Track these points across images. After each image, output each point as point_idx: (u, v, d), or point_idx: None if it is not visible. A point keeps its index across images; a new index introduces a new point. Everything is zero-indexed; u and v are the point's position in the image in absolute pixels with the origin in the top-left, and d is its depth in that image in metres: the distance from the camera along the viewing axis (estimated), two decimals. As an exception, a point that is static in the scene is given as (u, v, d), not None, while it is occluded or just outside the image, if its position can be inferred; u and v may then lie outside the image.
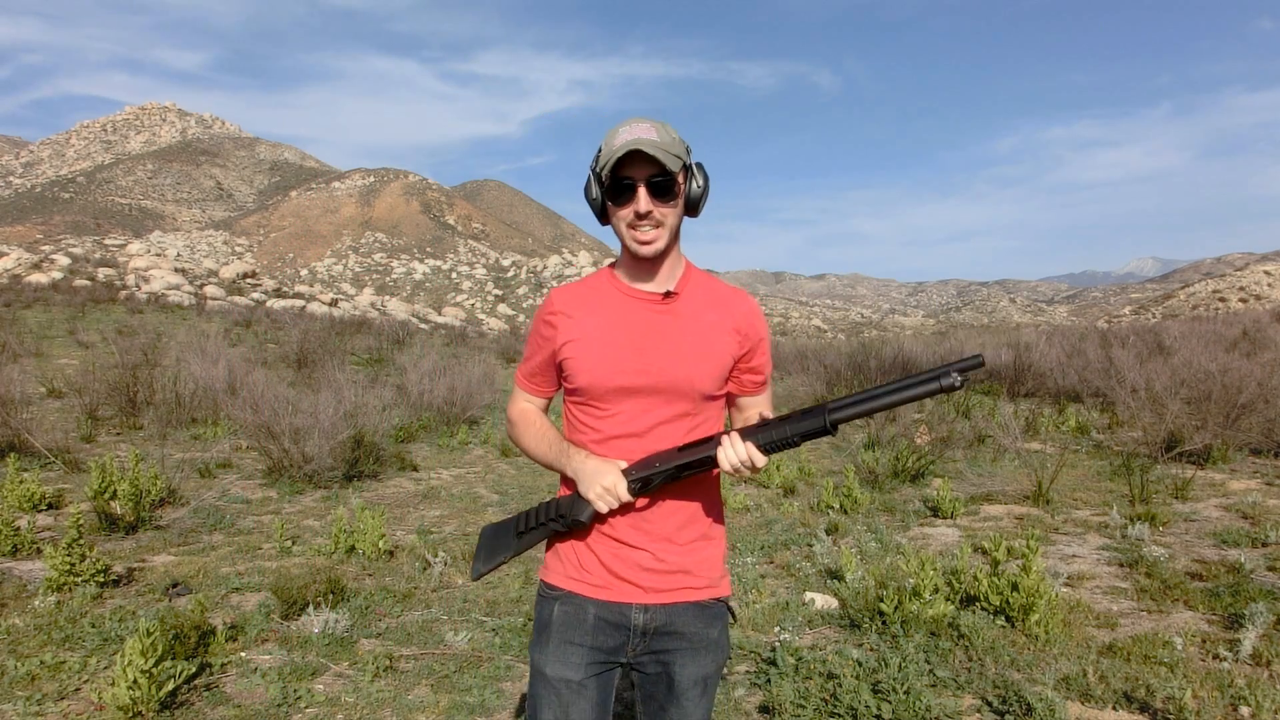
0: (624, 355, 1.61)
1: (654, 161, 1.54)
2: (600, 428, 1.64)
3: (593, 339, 1.63)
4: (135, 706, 2.97)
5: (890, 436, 9.01)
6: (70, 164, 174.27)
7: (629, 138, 1.55)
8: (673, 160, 1.56)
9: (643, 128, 1.57)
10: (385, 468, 7.96)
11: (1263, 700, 2.99)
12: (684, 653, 1.65)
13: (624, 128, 1.58)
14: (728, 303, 1.70)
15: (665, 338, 1.63)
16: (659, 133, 1.57)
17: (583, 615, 1.64)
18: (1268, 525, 5.39)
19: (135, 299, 28.48)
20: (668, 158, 1.55)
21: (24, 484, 6.03)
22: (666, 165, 1.54)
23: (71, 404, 10.45)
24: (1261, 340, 14.76)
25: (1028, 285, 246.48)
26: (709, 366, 1.64)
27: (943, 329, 61.55)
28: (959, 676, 3.36)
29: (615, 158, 1.54)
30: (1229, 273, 63.04)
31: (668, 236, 1.61)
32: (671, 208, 1.60)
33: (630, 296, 1.66)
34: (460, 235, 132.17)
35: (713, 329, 1.66)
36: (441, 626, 4.02)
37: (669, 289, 1.66)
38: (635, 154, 1.54)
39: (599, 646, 1.63)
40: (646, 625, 1.64)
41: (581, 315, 1.66)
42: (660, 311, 1.65)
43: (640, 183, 1.56)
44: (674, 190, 1.59)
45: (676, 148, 1.58)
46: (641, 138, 1.54)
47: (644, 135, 1.55)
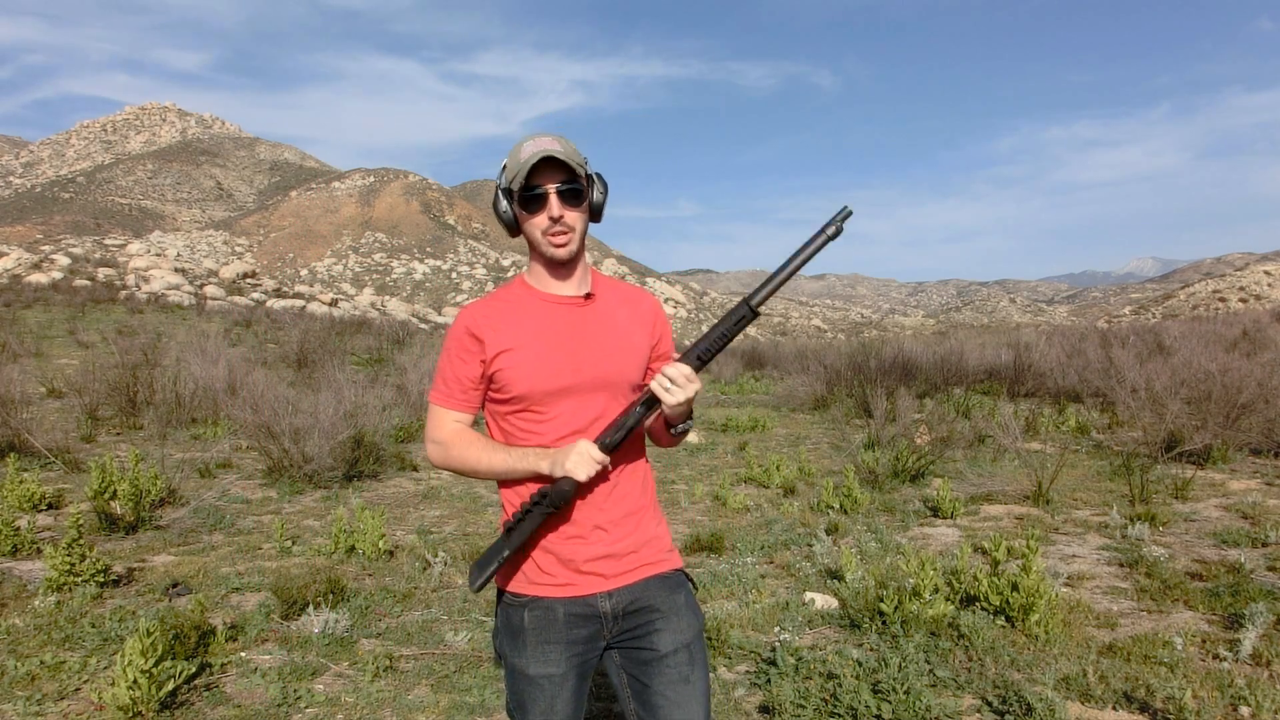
0: (557, 358, 1.70)
1: (562, 168, 1.66)
2: (542, 431, 1.71)
3: (525, 347, 1.70)
4: (135, 706, 2.97)
5: (890, 436, 9.01)
6: (70, 164, 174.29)
7: (536, 149, 1.65)
8: (578, 168, 1.67)
9: (547, 140, 1.68)
10: (385, 468, 7.96)
11: (1263, 700, 2.99)
12: (659, 622, 1.73)
13: (529, 142, 1.69)
14: (634, 300, 1.85)
15: (591, 336, 1.74)
16: (562, 144, 1.68)
17: (553, 616, 1.72)
18: (1268, 525, 5.39)
19: (135, 299, 28.48)
20: (575, 165, 1.66)
21: (24, 484, 6.03)
22: (575, 171, 1.67)
23: (71, 404, 10.45)
24: (1261, 340, 14.76)
25: (1028, 285, 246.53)
26: (632, 357, 1.77)
27: (943, 329, 61.53)
28: (959, 676, 3.36)
29: (526, 167, 1.64)
30: (1229, 273, 63.04)
31: (578, 240, 1.71)
32: (580, 212, 1.70)
33: (551, 302, 1.75)
34: (460, 235, 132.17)
35: (628, 324, 1.79)
36: (441, 626, 4.02)
37: (587, 290, 1.77)
38: (544, 162, 1.64)
39: (575, 640, 1.72)
40: (615, 609, 1.72)
41: (507, 326, 1.72)
42: (583, 313, 1.75)
43: (551, 190, 1.66)
44: (581, 196, 1.70)
45: (578, 158, 1.70)
46: (549, 148, 1.65)
47: (550, 146, 1.65)
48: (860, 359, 14.48)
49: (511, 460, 1.69)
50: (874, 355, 14.80)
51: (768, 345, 27.56)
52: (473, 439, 1.76)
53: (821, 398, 13.11)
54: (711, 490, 7.20)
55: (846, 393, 12.94)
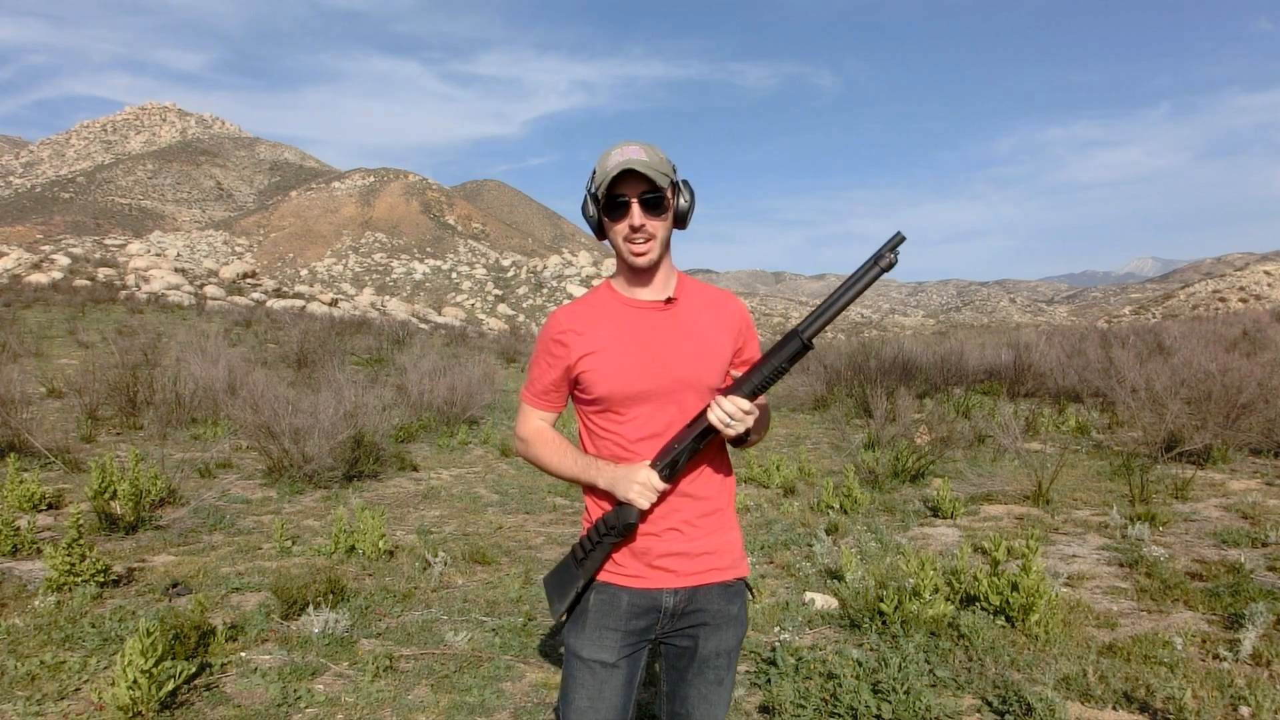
0: (639, 361, 1.75)
1: (645, 179, 1.68)
2: (623, 432, 1.77)
3: (608, 350, 1.75)
4: (135, 706, 2.97)
5: (890, 436, 9.01)
6: (70, 164, 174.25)
7: (621, 159, 1.68)
8: (661, 178, 1.70)
9: (633, 149, 1.70)
10: (385, 468, 7.96)
11: (1263, 700, 2.99)
12: (708, 628, 1.80)
13: (616, 150, 1.72)
14: (719, 304, 1.87)
15: (672, 341, 1.78)
16: (648, 154, 1.70)
17: (616, 603, 1.77)
18: (1268, 525, 5.39)
19: (135, 299, 28.48)
20: (657, 175, 1.68)
21: (24, 484, 6.03)
22: (656, 182, 1.69)
23: (71, 404, 10.45)
24: (1261, 340, 14.76)
25: (1028, 285, 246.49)
26: (713, 362, 1.80)
27: (943, 329, 61.55)
28: (959, 676, 3.36)
29: (610, 177, 1.67)
30: (1229, 273, 63.03)
31: (659, 248, 1.74)
32: (662, 221, 1.73)
33: (634, 306, 1.79)
34: (460, 235, 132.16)
35: (711, 328, 1.82)
36: (441, 626, 4.02)
37: (669, 295, 1.81)
38: (628, 173, 1.68)
39: (631, 630, 1.77)
40: (676, 606, 1.78)
41: (592, 330, 1.77)
42: (664, 317, 1.79)
43: (633, 199, 1.70)
44: (663, 205, 1.73)
45: (664, 167, 1.72)
46: (633, 158, 1.67)
47: (635, 156, 1.68)
48: (860, 359, 14.47)
49: (578, 469, 1.77)
50: (874, 355, 14.79)
51: (768, 345, 27.58)
52: (550, 439, 1.85)
53: (821, 398, 13.10)
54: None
55: (846, 393, 12.94)
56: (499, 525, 6.18)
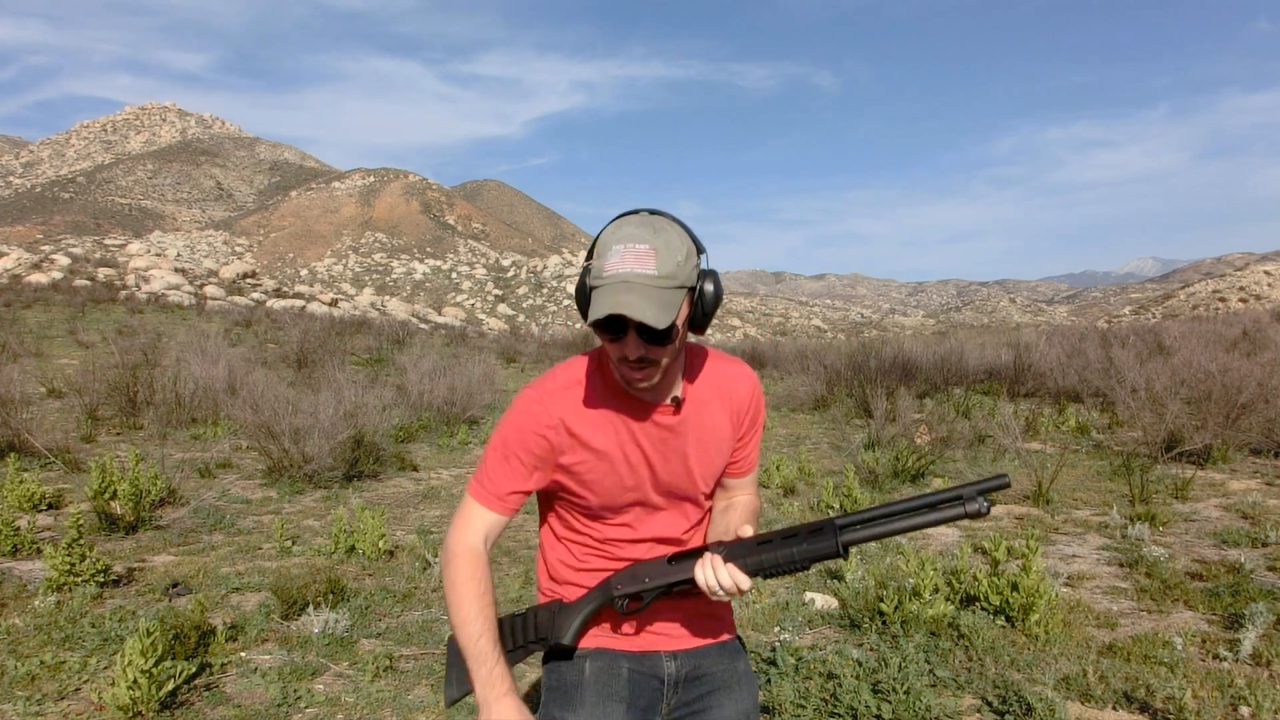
0: (638, 474, 1.53)
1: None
2: (596, 529, 1.59)
3: (605, 458, 1.51)
4: (135, 706, 2.97)
5: (890, 436, 9.01)
6: (70, 164, 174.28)
7: (619, 273, 1.31)
8: (668, 310, 1.31)
9: (638, 257, 1.31)
10: (385, 468, 7.96)
11: (1263, 700, 2.99)
12: (719, 693, 1.61)
13: (617, 248, 1.34)
14: (730, 390, 1.60)
15: (676, 450, 1.55)
16: (660, 260, 1.32)
17: (616, 669, 1.55)
18: (1268, 525, 5.39)
19: (135, 299, 28.49)
20: (663, 311, 1.30)
21: (24, 484, 6.03)
22: (655, 327, 1.30)
23: (71, 404, 10.45)
24: (1261, 340, 14.76)
25: (1028, 285, 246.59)
26: (714, 469, 1.61)
27: (943, 329, 61.53)
28: (959, 676, 3.36)
29: (598, 310, 1.31)
30: (1229, 273, 63.05)
31: (664, 370, 1.43)
32: (669, 347, 1.39)
33: (638, 405, 1.51)
34: (460, 235, 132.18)
35: (720, 428, 1.59)
36: (441, 626, 4.02)
37: (677, 396, 1.53)
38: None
39: (636, 703, 1.54)
40: (678, 673, 1.60)
41: (588, 430, 1.50)
42: (668, 423, 1.53)
43: (631, 326, 1.34)
44: (671, 332, 1.36)
45: (680, 275, 1.34)
46: (634, 281, 1.30)
47: (638, 271, 1.30)
48: (860, 359, 14.48)
49: (472, 651, 1.47)
50: (874, 355, 14.79)
51: (768, 345, 27.54)
52: (479, 584, 1.51)
53: (821, 398, 13.10)
54: (711, 490, 7.19)
55: (846, 393, 12.94)
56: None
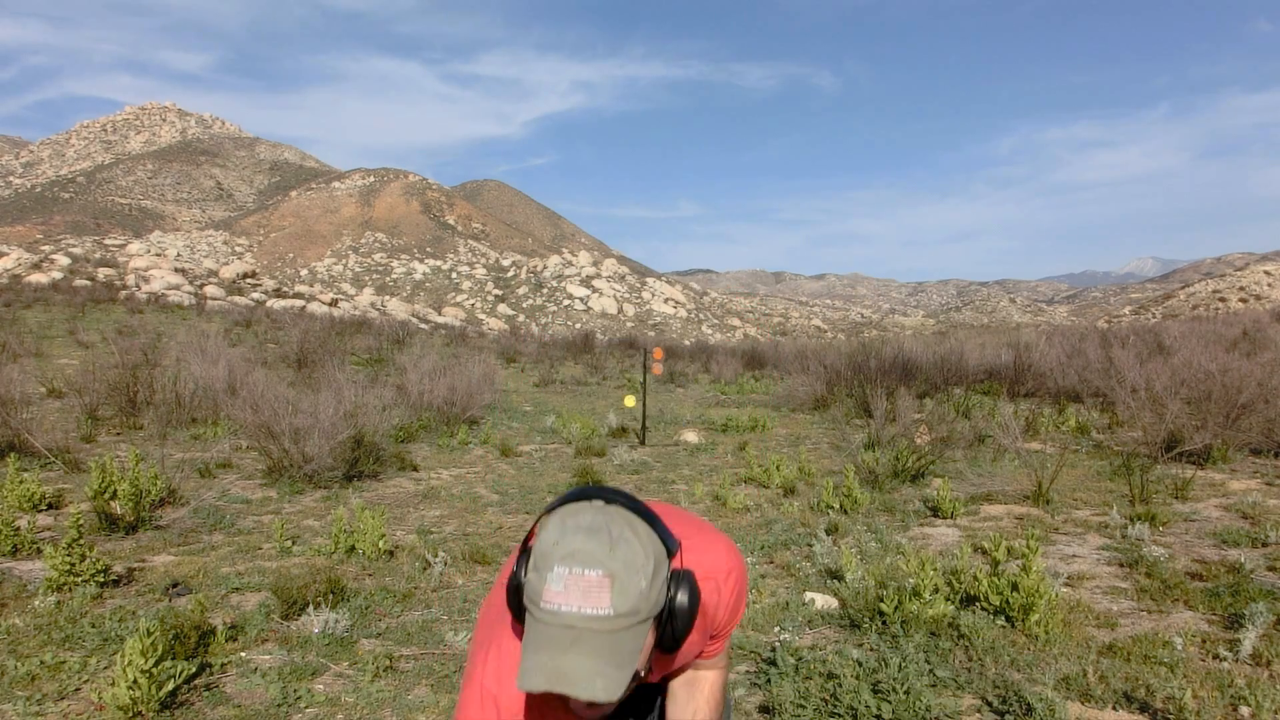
0: None
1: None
2: None
3: None
4: (135, 706, 2.97)
5: (890, 436, 9.01)
6: (70, 164, 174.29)
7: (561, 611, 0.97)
8: (625, 667, 0.98)
9: (585, 593, 0.97)
10: (385, 468, 7.96)
11: (1263, 700, 2.99)
12: None
13: (559, 571, 0.98)
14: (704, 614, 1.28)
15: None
16: (616, 593, 0.97)
17: None
18: (1268, 525, 5.39)
19: (135, 299, 28.50)
20: (618, 671, 0.97)
21: (24, 484, 6.03)
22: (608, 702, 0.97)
23: (71, 404, 10.45)
24: (1261, 340, 14.76)
25: (1028, 285, 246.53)
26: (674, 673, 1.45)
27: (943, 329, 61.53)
28: (959, 676, 3.36)
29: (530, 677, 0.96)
30: (1229, 273, 63.03)
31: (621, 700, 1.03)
32: (626, 692, 1.02)
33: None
34: (460, 235, 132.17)
35: (687, 653, 1.33)
36: (441, 626, 4.02)
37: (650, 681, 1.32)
38: None
39: None
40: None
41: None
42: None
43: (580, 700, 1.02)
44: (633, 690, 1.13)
45: (644, 607, 1.00)
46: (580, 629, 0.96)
47: (586, 613, 0.96)
48: (860, 359, 14.48)
49: None
50: (874, 355, 14.80)
51: (768, 345, 27.54)
52: None
53: (821, 398, 13.10)
54: (712, 490, 7.20)
55: (846, 393, 12.94)
56: (499, 525, 6.18)
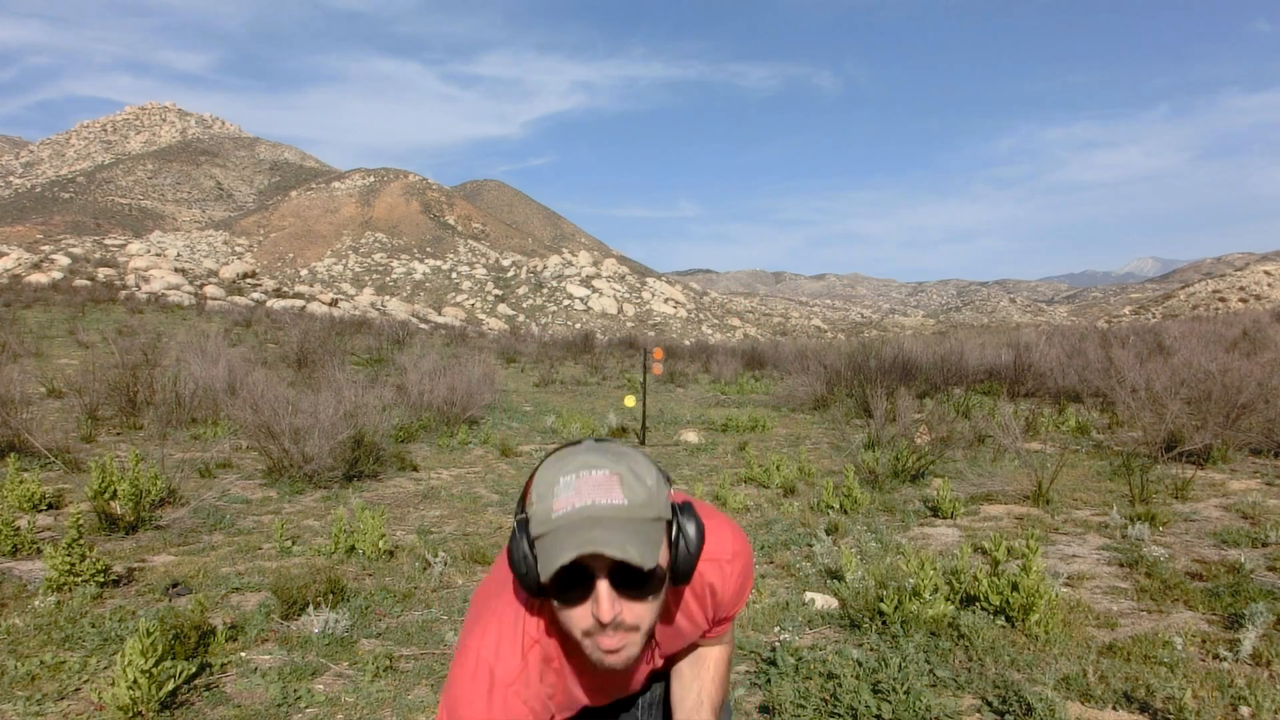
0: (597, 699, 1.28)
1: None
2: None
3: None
4: (135, 706, 2.97)
5: (890, 436, 9.01)
6: (70, 164, 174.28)
7: (578, 503, 0.99)
8: (651, 546, 1.01)
9: (596, 486, 1.00)
10: (385, 468, 7.96)
11: (1263, 700, 2.99)
12: None
13: (565, 480, 1.02)
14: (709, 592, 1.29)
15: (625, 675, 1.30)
16: (626, 487, 1.01)
17: None
18: (1268, 525, 5.39)
19: (135, 299, 28.51)
20: (646, 545, 1.01)
21: (24, 484, 6.03)
22: (641, 565, 1.00)
23: (71, 404, 10.45)
24: (1261, 340, 14.77)
25: (1028, 285, 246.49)
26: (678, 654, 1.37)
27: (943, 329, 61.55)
28: (959, 676, 3.36)
29: (558, 557, 0.99)
30: (1229, 273, 63.04)
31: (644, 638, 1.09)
32: (649, 603, 1.07)
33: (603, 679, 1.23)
34: (460, 235, 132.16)
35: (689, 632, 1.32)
36: (441, 626, 4.02)
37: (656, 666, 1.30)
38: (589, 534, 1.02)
39: None
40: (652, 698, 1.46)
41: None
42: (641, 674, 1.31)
43: (600, 574, 1.03)
44: (653, 580, 1.06)
45: (655, 504, 1.04)
46: (599, 515, 0.99)
47: (601, 503, 0.99)
48: (860, 359, 14.48)
49: None
50: (874, 355, 14.80)
51: (768, 345, 27.55)
52: None
53: (821, 398, 13.10)
54: (712, 490, 7.19)
55: (846, 393, 12.94)
56: (499, 525, 6.18)
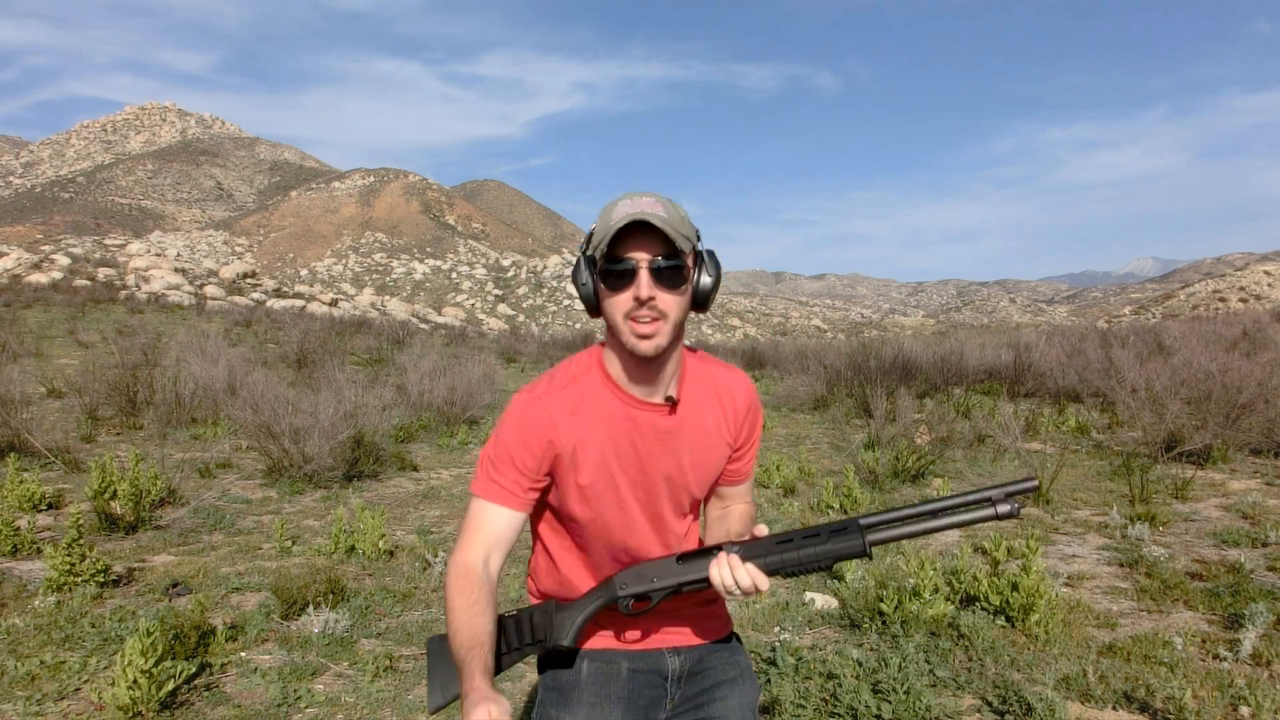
0: (630, 481, 1.48)
1: (660, 238, 1.35)
2: (589, 532, 1.51)
3: (597, 462, 1.45)
4: (135, 706, 2.97)
5: (890, 436, 9.01)
6: (70, 164, 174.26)
7: (631, 210, 1.35)
8: (682, 240, 1.37)
9: (647, 201, 1.37)
10: (385, 468, 7.96)
11: (1263, 700, 2.99)
12: (723, 686, 1.58)
13: (624, 201, 1.38)
14: (726, 393, 1.55)
15: (669, 453, 1.49)
16: (666, 209, 1.37)
17: (615, 669, 1.52)
18: (1268, 525, 5.39)
19: (135, 299, 28.50)
20: (676, 236, 1.35)
21: (24, 484, 6.03)
22: (675, 244, 1.35)
23: (71, 404, 10.45)
24: (1261, 340, 14.77)
25: (1028, 285, 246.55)
26: (708, 475, 1.55)
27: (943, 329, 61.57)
28: (959, 676, 3.36)
29: (613, 232, 1.33)
30: (1229, 273, 63.06)
31: (671, 331, 1.39)
32: (678, 296, 1.38)
33: (632, 407, 1.46)
34: (460, 235, 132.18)
35: (714, 432, 1.53)
36: (441, 627, 4.02)
37: (670, 395, 1.48)
38: (637, 229, 1.34)
39: (636, 701, 1.51)
40: (681, 669, 1.57)
41: (581, 435, 1.44)
42: (664, 424, 1.48)
43: (642, 265, 1.35)
44: (682, 275, 1.38)
45: (686, 228, 1.40)
46: (646, 210, 1.34)
47: (649, 209, 1.35)
48: (860, 359, 14.48)
49: (461, 653, 1.34)
50: (874, 355, 14.79)
51: (768, 345, 27.56)
52: (460, 601, 1.38)
53: (821, 398, 13.10)
54: (711, 490, 7.19)
55: (846, 393, 12.93)
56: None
